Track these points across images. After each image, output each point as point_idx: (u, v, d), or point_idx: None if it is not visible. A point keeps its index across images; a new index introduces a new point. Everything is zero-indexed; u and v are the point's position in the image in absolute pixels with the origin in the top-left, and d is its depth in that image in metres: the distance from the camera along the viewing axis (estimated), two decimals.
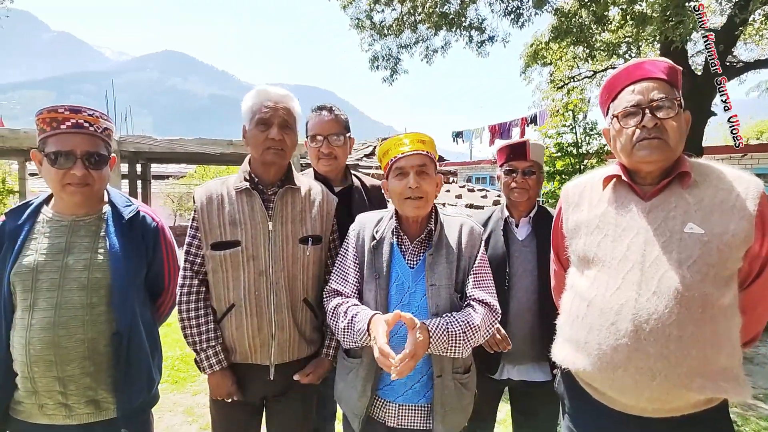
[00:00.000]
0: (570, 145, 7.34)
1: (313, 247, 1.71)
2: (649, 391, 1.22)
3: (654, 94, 1.28)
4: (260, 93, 1.68)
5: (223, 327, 1.66)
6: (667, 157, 1.29)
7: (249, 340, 1.63)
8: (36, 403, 1.45)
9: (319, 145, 2.04)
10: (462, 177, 18.39)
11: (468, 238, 1.59)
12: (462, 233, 1.59)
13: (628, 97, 1.32)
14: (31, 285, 1.44)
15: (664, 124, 1.27)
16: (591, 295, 1.34)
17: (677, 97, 1.28)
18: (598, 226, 1.38)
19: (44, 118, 1.47)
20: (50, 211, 1.56)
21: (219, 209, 1.65)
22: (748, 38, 8.84)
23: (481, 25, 8.21)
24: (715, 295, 1.19)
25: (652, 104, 1.27)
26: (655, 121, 1.27)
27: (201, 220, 1.65)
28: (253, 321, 1.62)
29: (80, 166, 1.47)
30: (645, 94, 1.29)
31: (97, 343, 1.47)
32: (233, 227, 1.63)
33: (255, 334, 1.62)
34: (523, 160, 1.97)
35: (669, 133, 1.27)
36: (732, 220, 1.20)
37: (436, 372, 1.50)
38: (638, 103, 1.29)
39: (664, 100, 1.26)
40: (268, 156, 1.65)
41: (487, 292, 1.54)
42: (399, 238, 1.58)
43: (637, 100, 1.29)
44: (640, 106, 1.29)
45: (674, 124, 1.27)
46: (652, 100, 1.27)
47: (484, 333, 1.48)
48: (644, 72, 1.31)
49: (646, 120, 1.27)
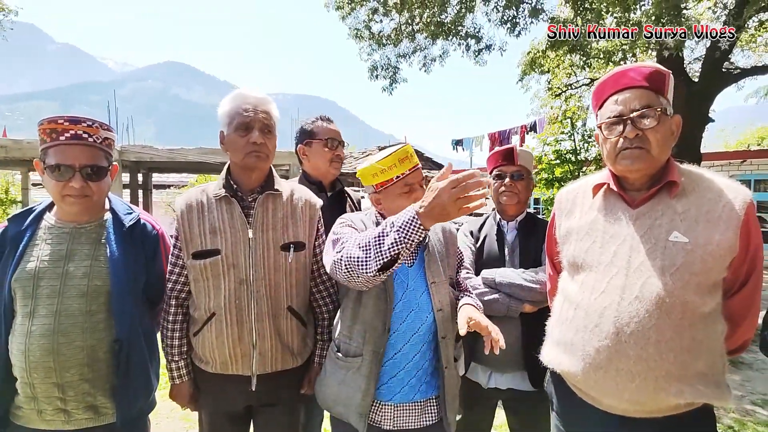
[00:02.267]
0: (568, 152, 7.38)
1: (295, 253, 1.67)
2: (629, 393, 1.24)
3: (635, 104, 1.29)
4: (238, 97, 1.65)
5: (204, 336, 1.63)
6: (650, 165, 1.31)
7: (229, 349, 1.60)
8: (35, 409, 1.47)
9: (335, 149, 2.18)
10: None
11: (449, 237, 1.74)
12: (443, 233, 1.73)
13: (611, 107, 1.35)
14: (32, 291, 1.46)
15: (645, 134, 1.29)
16: (578, 298, 1.38)
17: (660, 106, 1.29)
18: (588, 232, 1.42)
19: (45, 128, 1.49)
20: (52, 218, 1.58)
21: (199, 218, 1.63)
22: (744, 45, 8.90)
23: (477, 33, 8.30)
24: (697, 302, 1.21)
25: (633, 115, 1.29)
26: (636, 131, 1.29)
27: (181, 229, 1.63)
28: (233, 330, 1.59)
29: (79, 178, 1.48)
30: (627, 105, 1.31)
31: (96, 350, 1.49)
32: (213, 236, 1.60)
33: (236, 343, 1.59)
34: (512, 164, 2.02)
35: (651, 142, 1.28)
36: (717, 230, 1.21)
37: (443, 363, 1.56)
38: (620, 114, 1.31)
39: (645, 110, 1.28)
40: (251, 160, 1.62)
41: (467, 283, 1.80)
42: None
43: (619, 110, 1.32)
44: (622, 117, 1.31)
45: (656, 133, 1.28)
46: (633, 111, 1.29)
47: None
48: (628, 81, 1.32)
49: (627, 131, 1.30)
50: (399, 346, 1.53)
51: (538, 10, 7.16)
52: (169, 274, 1.67)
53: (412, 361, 1.54)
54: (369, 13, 8.47)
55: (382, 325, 1.51)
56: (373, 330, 1.52)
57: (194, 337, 1.67)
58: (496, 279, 1.87)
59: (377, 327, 1.52)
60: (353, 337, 1.57)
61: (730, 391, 1.25)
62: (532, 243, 1.96)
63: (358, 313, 1.56)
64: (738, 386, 4.17)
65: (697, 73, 7.78)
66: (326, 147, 2.16)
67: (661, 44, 5.28)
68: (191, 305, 1.68)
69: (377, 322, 1.52)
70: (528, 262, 1.93)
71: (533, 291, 1.81)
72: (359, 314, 1.56)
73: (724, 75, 7.32)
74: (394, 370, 1.54)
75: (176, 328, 1.68)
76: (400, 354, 1.53)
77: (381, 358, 1.52)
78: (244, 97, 1.64)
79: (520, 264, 1.94)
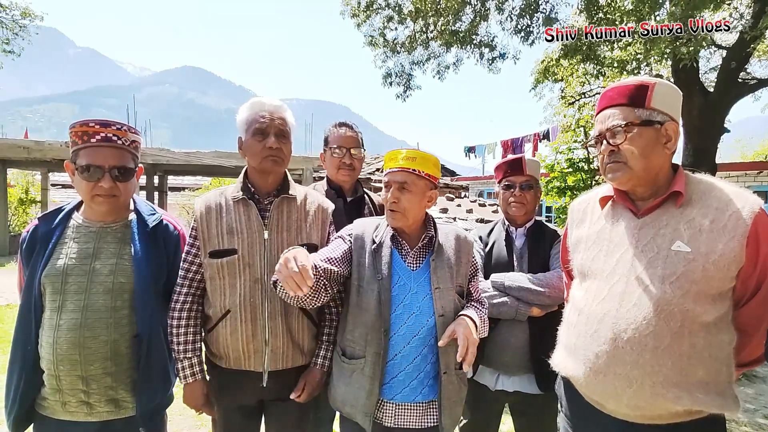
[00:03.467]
0: (581, 160, 7.36)
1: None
2: (627, 398, 1.27)
3: (609, 122, 1.36)
4: (255, 104, 1.73)
5: (218, 332, 1.67)
6: (632, 177, 1.35)
7: (243, 345, 1.65)
8: (60, 401, 1.54)
9: (342, 156, 2.19)
10: (474, 192, 18.40)
11: (463, 245, 1.72)
12: (457, 241, 1.71)
13: (595, 127, 1.43)
14: (60, 287, 1.53)
15: (620, 149, 1.34)
16: (582, 304, 1.42)
17: (632, 120, 1.32)
18: (595, 241, 1.46)
19: (76, 131, 1.56)
20: (80, 218, 1.66)
21: (217, 218, 1.68)
22: (762, 55, 8.79)
23: (491, 42, 8.33)
24: (697, 311, 1.22)
25: (608, 132, 1.36)
26: (609, 148, 1.35)
27: (200, 229, 1.68)
28: (247, 327, 1.64)
29: (108, 179, 1.56)
30: (604, 123, 1.38)
31: (119, 344, 1.56)
32: (230, 236, 1.66)
33: (249, 340, 1.65)
34: (520, 174, 2.05)
35: (626, 156, 1.33)
36: (721, 240, 1.22)
37: (442, 369, 1.59)
38: (599, 132, 1.39)
39: (617, 126, 1.33)
40: (267, 164, 1.69)
41: (480, 294, 1.79)
42: (398, 244, 1.67)
43: (599, 129, 1.40)
44: (601, 135, 1.39)
45: (629, 146, 1.32)
46: (607, 129, 1.36)
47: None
48: (606, 101, 1.39)
49: (603, 148, 1.38)
50: (400, 348, 1.57)
51: (552, 19, 7.18)
52: (185, 272, 1.69)
53: (412, 363, 1.57)
54: (384, 20, 8.56)
55: (382, 328, 1.55)
56: (374, 332, 1.57)
57: (208, 333, 1.73)
58: (506, 282, 1.91)
59: (377, 329, 1.56)
60: (356, 339, 1.62)
61: (737, 402, 1.24)
62: (540, 249, 2.00)
63: (358, 316, 1.61)
64: (751, 400, 4.11)
65: (713, 83, 7.71)
66: (334, 154, 2.21)
67: (676, 53, 5.26)
68: (206, 303, 1.73)
69: (377, 324, 1.56)
70: (536, 268, 1.96)
71: (541, 295, 1.85)
72: (360, 317, 1.61)
73: (739, 85, 7.24)
74: (395, 370, 1.58)
75: (190, 324, 1.69)
76: (400, 356, 1.57)
77: (383, 358, 1.56)
78: (261, 104, 1.72)
79: (529, 269, 1.97)
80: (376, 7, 8.35)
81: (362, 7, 8.43)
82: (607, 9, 6.39)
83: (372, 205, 2.33)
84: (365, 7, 8.38)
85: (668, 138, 1.34)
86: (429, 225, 1.70)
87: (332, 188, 2.22)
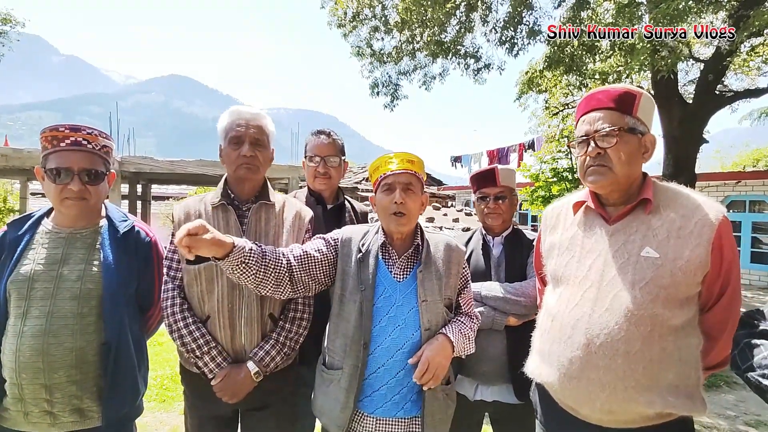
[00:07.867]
0: (565, 170, 7.47)
1: None
2: (600, 402, 1.28)
3: (598, 124, 1.36)
4: (233, 113, 1.75)
5: None
6: (614, 182, 1.36)
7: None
8: (21, 411, 1.48)
9: (316, 165, 2.16)
10: (460, 201, 18.50)
11: (453, 255, 1.67)
12: (447, 251, 1.66)
13: (580, 127, 1.42)
14: (26, 293, 1.49)
15: (607, 152, 1.35)
16: (555, 310, 1.43)
17: (623, 125, 1.34)
18: (568, 247, 1.47)
19: (46, 136, 1.55)
20: (50, 223, 1.62)
21: None
22: (737, 68, 9.06)
23: (476, 53, 8.46)
24: (666, 315, 1.24)
25: (596, 134, 1.36)
26: (597, 150, 1.35)
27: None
28: (226, 333, 1.63)
29: (77, 181, 1.54)
30: (592, 124, 1.37)
31: (85, 352, 1.51)
32: None
33: (228, 346, 1.63)
34: (494, 186, 2.04)
35: (612, 160, 1.34)
36: (687, 246, 1.25)
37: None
38: (586, 133, 1.39)
39: (607, 129, 1.34)
40: (241, 172, 1.70)
41: (471, 307, 1.73)
42: (386, 253, 1.62)
43: (585, 130, 1.39)
44: (587, 136, 1.38)
45: (617, 151, 1.33)
46: (596, 131, 1.36)
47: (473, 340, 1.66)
48: (595, 102, 1.40)
49: (590, 150, 1.37)
50: (383, 361, 1.52)
51: (536, 31, 7.32)
52: (170, 279, 1.66)
53: (395, 378, 1.52)
54: (370, 31, 8.64)
55: (362, 340, 1.51)
56: (353, 344, 1.53)
57: None
58: (482, 292, 1.90)
59: (357, 341, 1.52)
60: (335, 350, 1.59)
61: (705, 404, 1.27)
62: (517, 257, 2.00)
63: (339, 326, 1.59)
64: (732, 406, 4.15)
65: (692, 95, 7.92)
66: (310, 162, 2.19)
67: (654, 65, 5.38)
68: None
69: (357, 336, 1.53)
70: (514, 276, 1.96)
71: (518, 304, 1.84)
72: (340, 328, 1.58)
73: (717, 97, 7.44)
74: (378, 384, 1.53)
75: (189, 323, 1.62)
76: (383, 369, 1.52)
77: (361, 372, 1.51)
78: (239, 113, 1.74)
79: (506, 278, 1.97)
80: (363, 17, 8.43)
81: (348, 18, 8.51)
82: (588, 22, 6.53)
83: (354, 213, 2.30)
84: (351, 17, 8.46)
85: (646, 149, 1.37)
86: (417, 233, 1.67)
87: (312, 195, 2.20)
